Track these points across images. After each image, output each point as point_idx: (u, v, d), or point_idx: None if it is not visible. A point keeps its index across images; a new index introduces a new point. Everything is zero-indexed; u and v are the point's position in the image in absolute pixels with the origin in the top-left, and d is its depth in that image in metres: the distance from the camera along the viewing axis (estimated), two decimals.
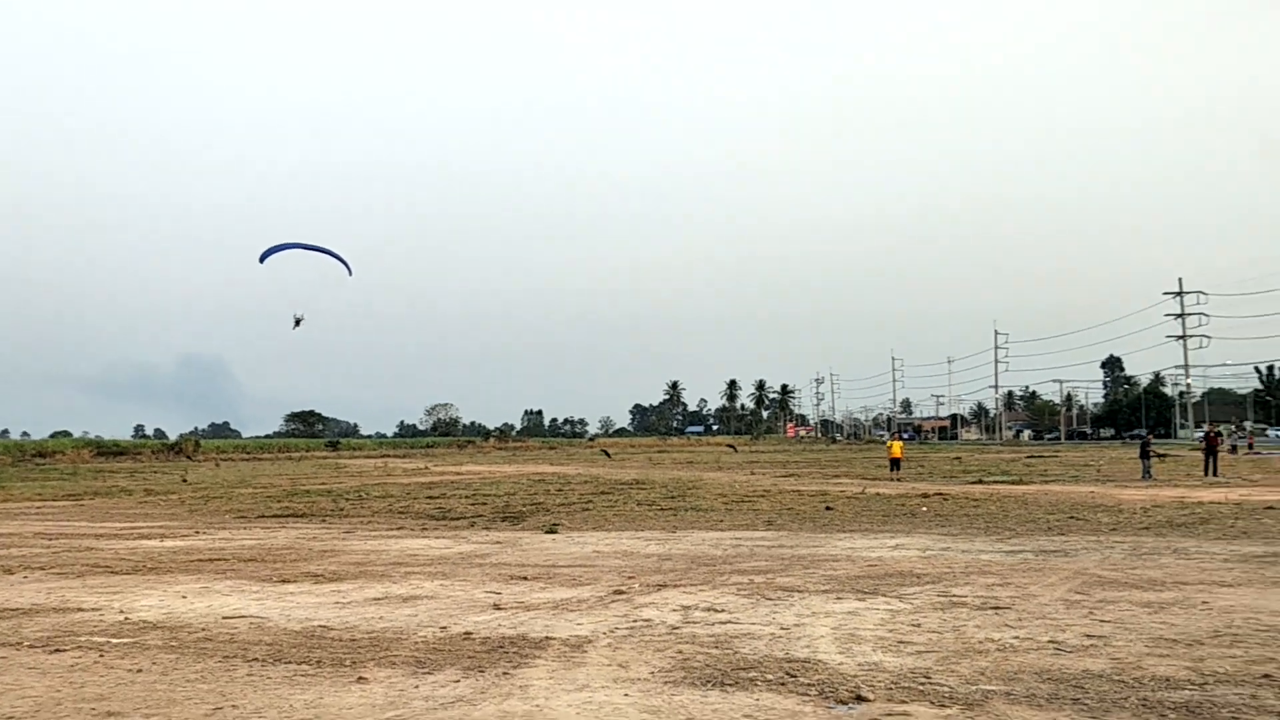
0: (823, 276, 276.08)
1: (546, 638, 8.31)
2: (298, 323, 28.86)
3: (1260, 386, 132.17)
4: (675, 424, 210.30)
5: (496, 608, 9.84)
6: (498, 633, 8.58)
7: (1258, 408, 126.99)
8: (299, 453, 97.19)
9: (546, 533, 17.81)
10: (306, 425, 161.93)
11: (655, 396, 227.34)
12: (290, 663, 7.55)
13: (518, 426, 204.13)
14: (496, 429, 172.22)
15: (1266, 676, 6.56)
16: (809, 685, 6.64)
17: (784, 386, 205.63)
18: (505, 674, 7.11)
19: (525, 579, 11.85)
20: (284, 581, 11.87)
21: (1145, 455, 35.42)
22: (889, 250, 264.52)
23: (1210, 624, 8.39)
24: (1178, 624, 8.42)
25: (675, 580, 11.47)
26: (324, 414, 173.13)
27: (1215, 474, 34.41)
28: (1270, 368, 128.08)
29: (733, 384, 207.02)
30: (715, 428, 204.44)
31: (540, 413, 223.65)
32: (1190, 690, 6.27)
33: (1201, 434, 50.05)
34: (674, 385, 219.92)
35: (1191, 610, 9.05)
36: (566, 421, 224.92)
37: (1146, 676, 6.63)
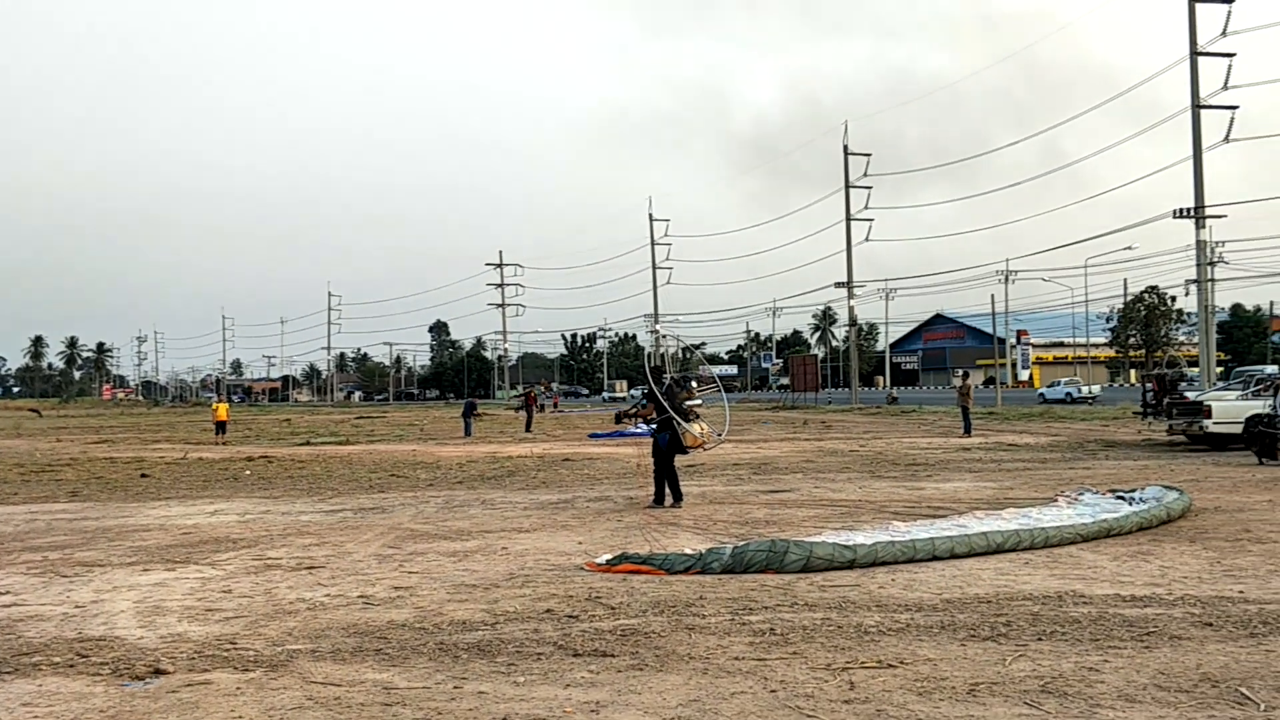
0: (142, 232, 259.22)
1: None
2: None
3: (566, 351, 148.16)
4: None
5: None
6: None
7: (563, 370, 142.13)
8: None
9: None
10: None
11: None
12: None
13: None
14: None
15: (549, 611, 7.28)
16: (102, 664, 6.15)
17: (100, 345, 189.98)
18: None
19: None
20: None
21: (468, 415, 37.98)
22: (217, 210, 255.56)
23: (507, 567, 9.14)
24: (479, 570, 9.07)
25: None
26: None
27: (529, 430, 37.87)
28: (574, 334, 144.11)
29: (38, 340, 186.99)
30: (16, 390, 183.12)
31: None
32: (483, 630, 6.77)
33: (521, 394, 54.68)
34: None
35: (492, 556, 9.80)
36: None
37: (446, 621, 7.04)
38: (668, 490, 13.45)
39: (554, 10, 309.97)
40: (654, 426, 13.67)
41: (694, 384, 14.36)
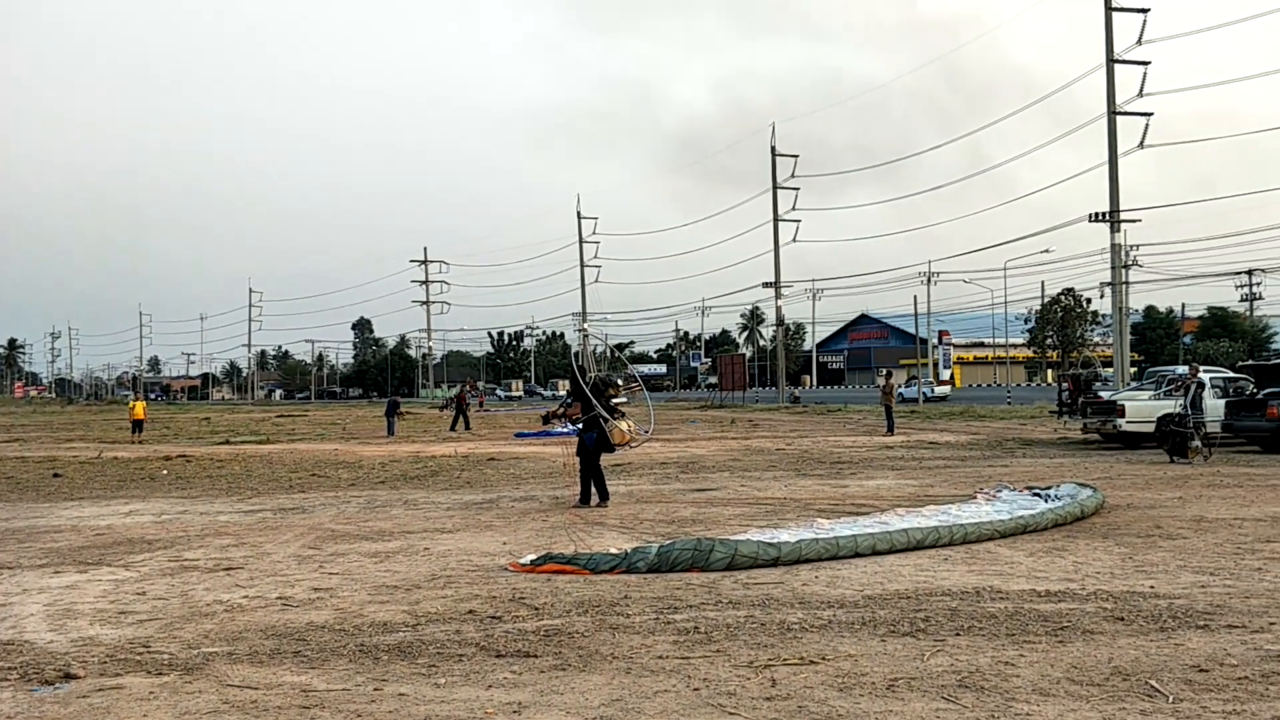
0: (57, 226, 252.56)
1: None
2: None
3: (492, 349, 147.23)
4: None
5: None
6: None
7: (490, 369, 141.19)
8: None
9: None
10: None
11: None
12: None
13: None
14: None
15: (470, 612, 7.22)
16: (10, 669, 5.97)
17: (12, 341, 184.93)
18: None
19: None
20: None
21: (391, 413, 37.57)
22: (135, 204, 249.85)
23: (429, 568, 9.05)
24: (400, 571, 8.96)
25: None
26: None
27: (468, 428, 37.63)
28: (501, 333, 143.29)
29: None
30: None
31: None
32: (404, 632, 6.69)
33: (454, 393, 54.08)
34: None
35: (414, 557, 9.69)
36: None
37: (366, 623, 6.94)
38: (594, 489, 13.43)
39: (482, 5, 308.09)
40: (580, 426, 13.64)
41: (619, 382, 14.36)
